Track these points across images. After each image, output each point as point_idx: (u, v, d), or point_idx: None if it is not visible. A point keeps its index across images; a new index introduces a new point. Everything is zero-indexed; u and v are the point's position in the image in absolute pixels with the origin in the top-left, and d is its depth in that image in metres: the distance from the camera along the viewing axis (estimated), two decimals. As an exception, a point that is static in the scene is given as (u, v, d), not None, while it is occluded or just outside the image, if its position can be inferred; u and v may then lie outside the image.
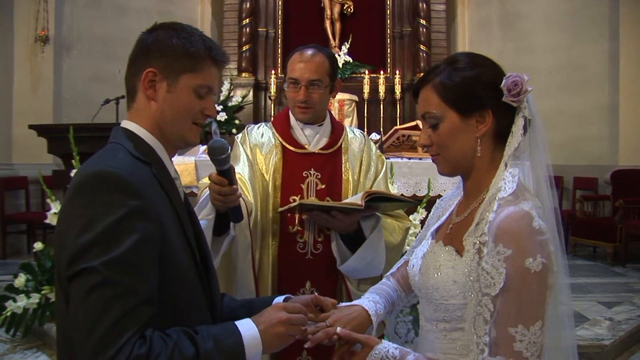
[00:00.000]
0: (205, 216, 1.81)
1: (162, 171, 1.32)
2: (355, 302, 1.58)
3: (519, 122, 1.33)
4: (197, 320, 1.27)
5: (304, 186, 2.10)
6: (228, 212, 1.78)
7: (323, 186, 2.11)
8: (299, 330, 1.32)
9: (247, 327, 1.24)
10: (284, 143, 2.16)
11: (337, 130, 2.21)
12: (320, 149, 2.16)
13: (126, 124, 1.34)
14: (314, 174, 2.12)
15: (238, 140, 2.21)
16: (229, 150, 1.67)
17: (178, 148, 1.39)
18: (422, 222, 3.70)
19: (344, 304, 1.58)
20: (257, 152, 2.16)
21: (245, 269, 2.00)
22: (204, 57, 1.32)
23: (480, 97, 1.33)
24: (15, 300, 4.03)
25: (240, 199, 1.80)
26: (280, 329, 1.27)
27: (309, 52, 2.10)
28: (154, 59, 1.30)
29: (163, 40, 1.31)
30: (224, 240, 1.90)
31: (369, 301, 1.56)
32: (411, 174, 4.19)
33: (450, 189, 3.88)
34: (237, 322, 1.25)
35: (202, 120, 1.36)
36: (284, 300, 1.46)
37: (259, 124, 2.27)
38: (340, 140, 2.20)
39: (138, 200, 1.16)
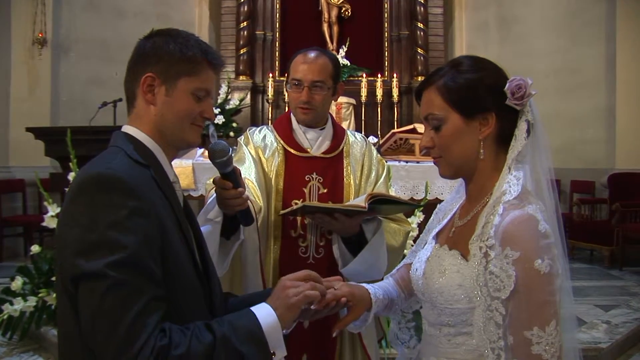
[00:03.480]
0: (212, 218, 1.79)
1: (161, 174, 1.34)
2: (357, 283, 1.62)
3: (522, 126, 1.33)
4: (196, 320, 1.26)
5: (306, 190, 2.09)
6: (237, 215, 1.75)
7: (325, 190, 2.10)
8: (309, 288, 1.32)
9: (259, 306, 1.27)
10: (286, 146, 2.14)
11: (338, 134, 2.20)
12: (323, 152, 2.15)
13: (126, 128, 1.37)
14: (316, 177, 2.11)
15: (241, 141, 2.20)
16: (230, 153, 1.65)
17: (180, 149, 1.41)
18: (420, 225, 3.70)
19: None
20: (260, 153, 2.14)
21: (254, 272, 1.98)
22: (201, 61, 1.35)
23: (483, 99, 1.33)
24: (12, 303, 4.01)
25: (248, 201, 1.77)
26: (287, 292, 1.29)
27: (313, 54, 2.10)
28: (151, 64, 1.33)
29: (160, 46, 1.34)
30: (234, 244, 1.88)
31: (369, 285, 1.58)
32: (408, 177, 4.18)
33: (447, 192, 3.92)
34: (250, 308, 1.28)
35: (201, 123, 1.39)
36: None
37: (261, 127, 2.26)
38: (342, 144, 2.19)
39: (137, 201, 1.18)
